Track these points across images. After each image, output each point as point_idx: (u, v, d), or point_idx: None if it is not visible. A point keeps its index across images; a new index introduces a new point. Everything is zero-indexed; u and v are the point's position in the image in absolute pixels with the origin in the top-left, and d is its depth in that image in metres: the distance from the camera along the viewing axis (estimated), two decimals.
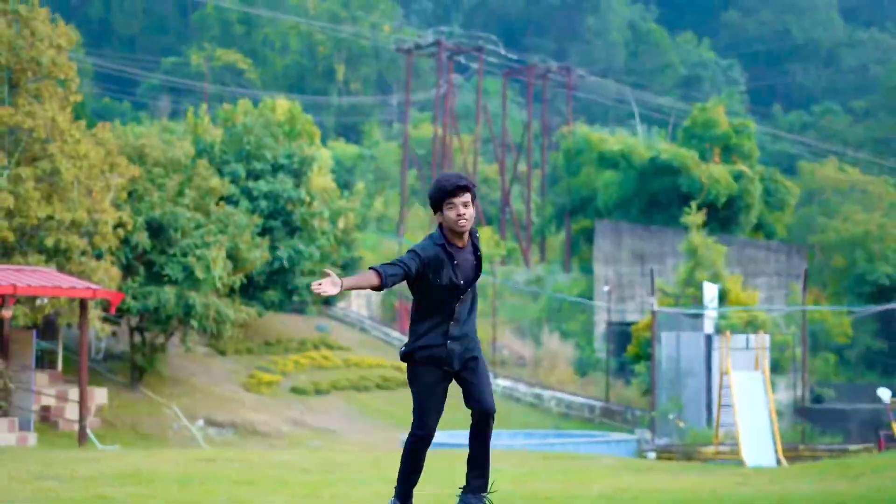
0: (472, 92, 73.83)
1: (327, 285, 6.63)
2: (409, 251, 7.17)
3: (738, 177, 52.82)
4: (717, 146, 54.78)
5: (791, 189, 55.65)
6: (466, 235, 7.22)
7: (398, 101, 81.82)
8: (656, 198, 53.31)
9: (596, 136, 56.87)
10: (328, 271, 6.78)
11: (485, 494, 7.37)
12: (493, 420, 7.44)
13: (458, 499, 7.41)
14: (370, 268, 6.90)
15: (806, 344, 34.50)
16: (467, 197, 7.07)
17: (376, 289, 6.93)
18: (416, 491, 7.80)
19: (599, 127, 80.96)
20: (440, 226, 7.15)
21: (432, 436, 7.39)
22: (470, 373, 7.33)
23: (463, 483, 7.53)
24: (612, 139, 57.30)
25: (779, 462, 24.65)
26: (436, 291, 7.16)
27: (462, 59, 67.29)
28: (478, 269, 7.30)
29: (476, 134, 67.47)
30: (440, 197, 7.08)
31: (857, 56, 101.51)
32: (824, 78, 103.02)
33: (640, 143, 57.65)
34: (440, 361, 7.24)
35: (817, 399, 43.41)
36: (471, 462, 7.38)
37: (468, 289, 7.23)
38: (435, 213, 7.24)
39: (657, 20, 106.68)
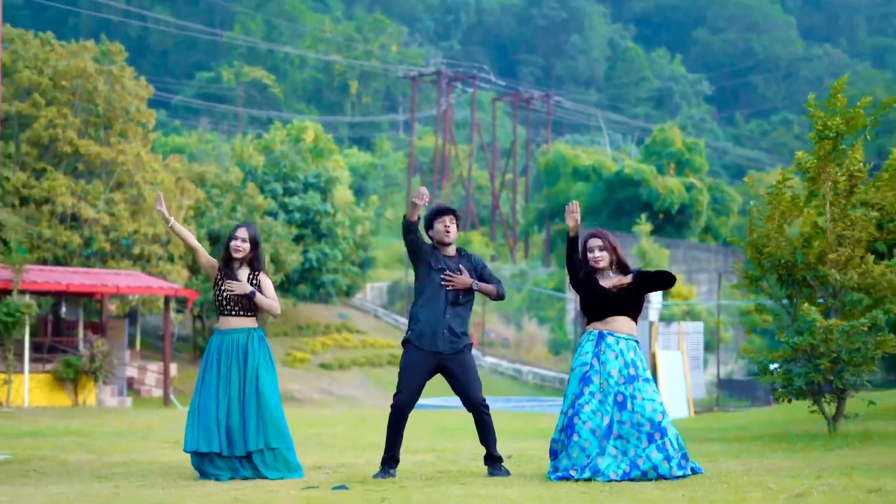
0: (469, 106, 74.62)
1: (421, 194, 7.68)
2: (422, 242, 8.05)
3: (689, 188, 54.89)
4: (672, 161, 56.92)
5: (734, 197, 57.29)
6: (453, 249, 8.04)
7: (404, 117, 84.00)
8: (621, 205, 55.16)
9: (571, 153, 58.15)
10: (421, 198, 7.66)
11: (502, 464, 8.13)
12: (486, 408, 7.96)
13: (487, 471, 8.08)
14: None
15: (719, 330, 37.71)
16: (452, 217, 8.03)
17: (408, 220, 7.79)
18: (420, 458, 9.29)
19: (579, 136, 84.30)
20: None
21: (404, 406, 7.87)
22: (457, 370, 7.91)
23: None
24: (585, 155, 58.53)
25: (689, 415, 28.74)
26: (432, 278, 7.92)
27: (459, 85, 69.08)
28: (469, 273, 7.94)
29: (471, 148, 68.94)
30: (432, 216, 8.05)
31: (812, 69, 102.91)
32: (783, 90, 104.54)
33: (608, 158, 59.17)
34: (426, 344, 7.86)
35: (753, 373, 47.33)
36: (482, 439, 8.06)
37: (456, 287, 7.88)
38: (427, 231, 8.11)
39: (634, 38, 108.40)
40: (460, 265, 7.95)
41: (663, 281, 7.69)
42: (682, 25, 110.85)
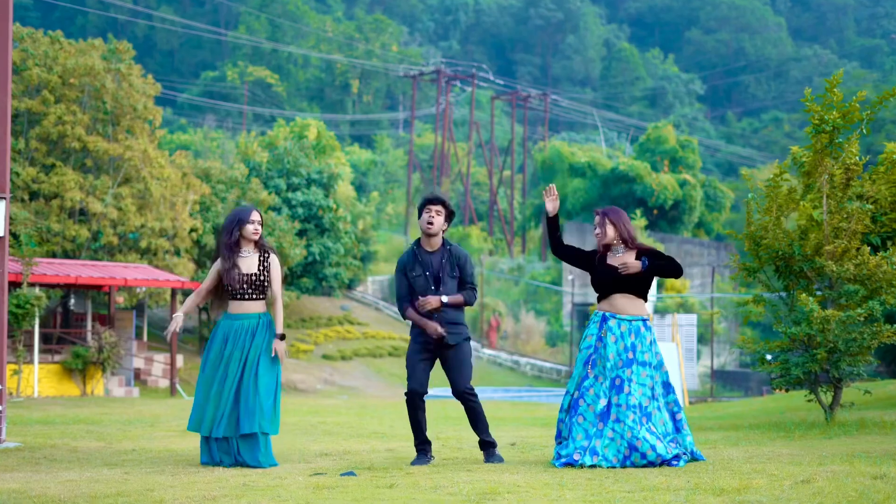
0: (468, 104, 74.56)
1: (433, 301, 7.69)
2: (396, 272, 8.06)
3: (682, 184, 54.54)
4: (666, 158, 56.75)
5: (726, 193, 56.65)
6: (436, 241, 7.83)
7: (404, 116, 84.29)
8: (616, 201, 54.38)
9: (567, 150, 57.84)
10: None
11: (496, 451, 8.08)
12: (472, 395, 7.87)
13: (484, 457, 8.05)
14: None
15: (713, 322, 38.03)
16: (439, 208, 7.76)
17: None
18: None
19: (575, 134, 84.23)
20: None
21: (417, 392, 7.82)
22: (450, 357, 7.88)
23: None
24: (580, 152, 58.27)
25: (684, 405, 29.05)
26: (415, 283, 7.84)
27: (458, 84, 69.22)
28: (451, 269, 7.80)
29: (470, 146, 68.84)
30: (421, 203, 7.84)
31: (802, 69, 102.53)
32: (774, 89, 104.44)
33: (603, 155, 59.33)
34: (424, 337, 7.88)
35: (746, 364, 47.32)
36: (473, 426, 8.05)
37: (439, 281, 7.81)
38: (419, 217, 7.89)
39: (629, 38, 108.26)
40: (443, 260, 7.81)
41: (671, 271, 7.58)
42: (675, 26, 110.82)
